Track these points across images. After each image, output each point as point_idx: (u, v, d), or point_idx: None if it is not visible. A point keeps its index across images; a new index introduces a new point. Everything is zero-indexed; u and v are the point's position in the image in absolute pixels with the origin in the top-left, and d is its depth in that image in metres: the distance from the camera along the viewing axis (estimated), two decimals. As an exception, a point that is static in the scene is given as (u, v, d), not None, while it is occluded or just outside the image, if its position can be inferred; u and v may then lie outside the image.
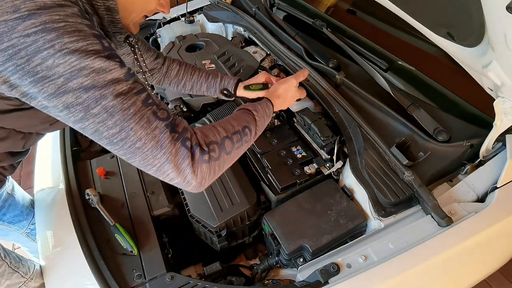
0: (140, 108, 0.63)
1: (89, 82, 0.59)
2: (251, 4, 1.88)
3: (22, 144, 0.86)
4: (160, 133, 0.65)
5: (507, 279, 1.70)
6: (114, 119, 0.61)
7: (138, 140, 0.63)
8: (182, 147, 0.67)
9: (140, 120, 0.63)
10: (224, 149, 0.75)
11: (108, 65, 0.61)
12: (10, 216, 1.17)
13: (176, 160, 0.66)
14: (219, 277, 1.01)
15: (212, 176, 0.72)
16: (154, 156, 0.65)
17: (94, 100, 0.59)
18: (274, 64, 1.61)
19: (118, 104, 0.61)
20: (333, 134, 1.14)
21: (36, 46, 0.55)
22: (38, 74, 0.57)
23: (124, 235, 0.96)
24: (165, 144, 0.65)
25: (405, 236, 0.91)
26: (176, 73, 1.22)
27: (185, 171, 0.67)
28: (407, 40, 1.65)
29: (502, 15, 0.66)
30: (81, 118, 0.60)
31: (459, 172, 1.08)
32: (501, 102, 0.91)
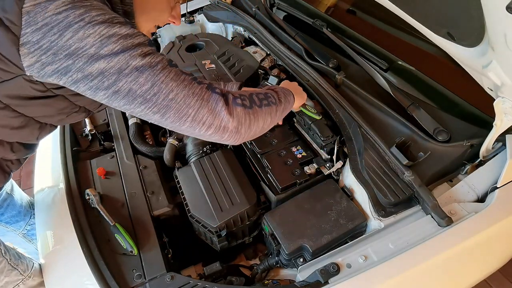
0: (167, 65, 0.69)
1: (119, 47, 0.64)
2: (251, 4, 1.88)
3: (37, 134, 0.88)
4: (189, 83, 0.70)
5: (507, 279, 1.70)
6: (145, 75, 0.66)
7: (170, 91, 0.68)
8: (213, 93, 0.72)
9: (169, 73, 0.68)
10: (254, 102, 0.79)
11: (134, 32, 0.67)
12: (8, 216, 1.17)
13: (209, 105, 0.70)
14: (219, 277, 1.01)
15: (248, 124, 0.75)
16: (187, 105, 0.69)
17: (125, 62, 0.65)
18: (274, 64, 1.60)
19: (147, 63, 0.66)
20: (333, 134, 1.14)
21: (67, 21, 0.61)
22: (71, 47, 0.62)
23: (124, 235, 0.96)
24: (196, 91, 0.70)
25: (405, 236, 0.91)
26: None
27: (220, 113, 0.71)
28: (407, 40, 1.65)
29: (502, 15, 0.66)
30: (114, 80, 0.65)
31: (459, 172, 1.08)
32: (501, 102, 0.91)
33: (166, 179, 1.22)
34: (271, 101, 0.86)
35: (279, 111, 0.89)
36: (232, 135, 0.74)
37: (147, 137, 1.40)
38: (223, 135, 0.73)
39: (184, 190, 1.12)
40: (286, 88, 1.00)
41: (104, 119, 1.44)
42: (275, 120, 0.88)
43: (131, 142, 1.32)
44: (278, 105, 0.88)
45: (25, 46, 0.63)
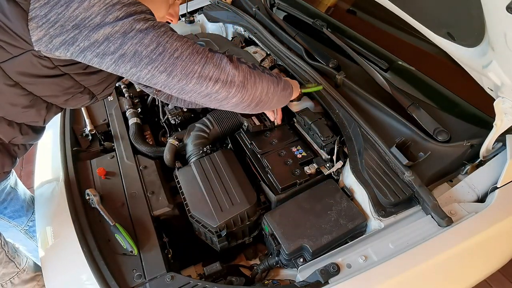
0: (169, 29, 0.73)
1: (123, 14, 0.67)
2: (251, 4, 1.88)
3: (44, 115, 0.91)
4: (193, 44, 0.74)
5: (507, 279, 1.70)
6: (149, 37, 0.69)
7: (175, 50, 0.71)
8: (216, 52, 0.77)
9: (173, 35, 0.72)
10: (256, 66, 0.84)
11: (136, 1, 0.71)
12: (11, 211, 1.18)
13: (214, 61, 0.74)
14: (219, 277, 1.01)
15: (253, 81, 0.80)
16: (193, 62, 0.72)
17: (130, 25, 0.68)
18: (274, 64, 1.60)
19: (150, 26, 0.70)
20: (333, 134, 1.14)
21: None
22: (78, 17, 0.65)
23: (124, 235, 0.96)
24: (200, 50, 0.74)
25: (405, 236, 0.91)
26: None
27: (226, 67, 0.75)
28: (407, 40, 1.65)
29: (502, 15, 0.66)
30: (120, 44, 0.68)
31: (459, 172, 1.08)
32: (501, 102, 0.91)
33: (166, 179, 1.22)
34: (272, 74, 0.91)
35: (280, 85, 0.93)
36: (239, 90, 0.77)
37: (147, 137, 1.40)
38: (230, 89, 0.76)
39: (184, 190, 1.12)
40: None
41: (104, 119, 1.44)
42: (277, 93, 0.91)
43: (131, 142, 1.32)
44: (279, 80, 0.93)
45: (34, 21, 0.65)
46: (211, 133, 1.30)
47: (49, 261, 1.03)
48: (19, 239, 1.29)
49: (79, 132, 1.40)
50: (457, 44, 0.94)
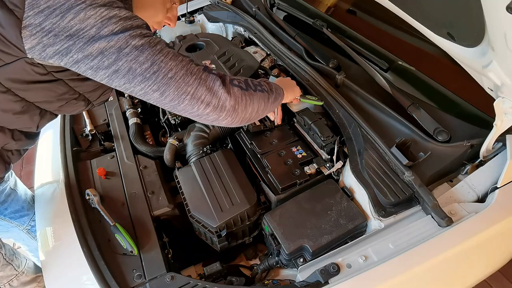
0: (165, 47, 0.72)
1: (119, 28, 0.66)
2: (251, 4, 1.88)
3: (37, 121, 0.90)
4: (188, 64, 0.73)
5: (507, 279, 1.69)
6: (145, 55, 0.68)
7: (169, 70, 0.70)
8: (211, 74, 0.76)
9: (168, 54, 0.71)
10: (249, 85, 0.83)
11: (132, 15, 0.70)
12: (11, 211, 1.18)
13: (208, 83, 0.74)
14: (219, 277, 1.01)
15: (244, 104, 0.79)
16: (186, 83, 0.72)
17: (125, 41, 0.67)
18: (274, 64, 1.60)
19: (146, 43, 0.69)
20: (333, 134, 1.14)
21: (69, 3, 0.63)
22: (72, 28, 0.64)
23: (124, 235, 0.96)
24: (194, 71, 0.73)
25: (405, 236, 0.91)
26: None
27: (218, 91, 0.74)
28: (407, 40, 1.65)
29: (502, 15, 0.66)
30: (114, 59, 0.67)
31: (460, 172, 1.08)
32: (501, 102, 0.91)
33: (166, 179, 1.22)
34: (264, 88, 0.91)
35: (271, 99, 0.93)
36: (230, 114, 0.77)
37: (147, 137, 1.40)
38: (220, 113, 0.76)
39: (184, 190, 1.12)
40: (276, 83, 1.04)
41: (104, 119, 1.44)
42: (268, 107, 0.92)
43: (131, 142, 1.32)
44: (270, 93, 0.93)
45: (27, 29, 0.64)
46: (211, 133, 1.30)
47: (49, 261, 1.03)
48: (21, 239, 1.29)
49: (79, 132, 1.40)
50: (457, 44, 0.94)
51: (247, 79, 0.88)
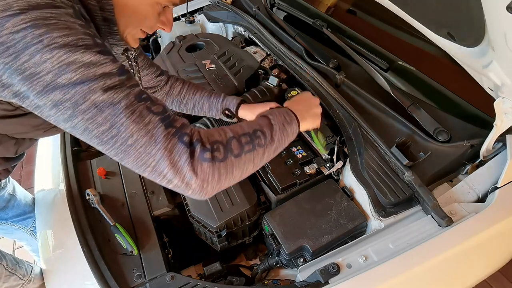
0: (133, 102, 0.60)
1: (78, 77, 0.56)
2: (251, 4, 1.88)
3: (14, 149, 0.84)
4: (154, 128, 0.60)
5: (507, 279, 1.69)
6: (104, 115, 0.58)
7: (129, 136, 0.59)
8: (179, 142, 0.62)
9: (132, 114, 0.59)
10: (231, 151, 0.67)
11: (99, 59, 0.59)
12: (13, 216, 1.17)
13: (172, 157, 0.60)
14: (219, 277, 1.01)
15: (217, 179, 0.65)
16: (148, 154, 0.60)
17: (83, 95, 0.56)
18: (274, 64, 1.61)
19: (108, 99, 0.58)
20: (333, 134, 1.14)
21: (25, 42, 0.54)
22: (26, 71, 0.55)
23: (124, 235, 0.96)
24: (160, 139, 0.60)
25: (405, 236, 0.91)
26: (179, 91, 1.18)
27: (182, 169, 0.61)
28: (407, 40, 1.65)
29: (502, 15, 0.66)
30: (70, 115, 0.57)
31: (460, 172, 1.08)
32: (501, 102, 0.91)
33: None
34: (259, 143, 0.72)
35: (268, 152, 0.75)
36: (196, 192, 0.64)
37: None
38: (186, 191, 0.64)
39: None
40: (291, 110, 0.85)
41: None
42: (263, 162, 0.75)
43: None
44: (268, 146, 0.74)
45: None
46: (211, 133, 1.30)
47: (49, 261, 1.03)
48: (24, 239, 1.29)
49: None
50: (457, 44, 0.94)
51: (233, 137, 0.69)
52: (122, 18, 0.75)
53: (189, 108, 1.19)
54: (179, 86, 1.18)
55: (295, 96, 1.01)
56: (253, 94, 1.38)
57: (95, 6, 0.69)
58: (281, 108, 0.85)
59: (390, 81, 1.29)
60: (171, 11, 0.82)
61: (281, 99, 1.40)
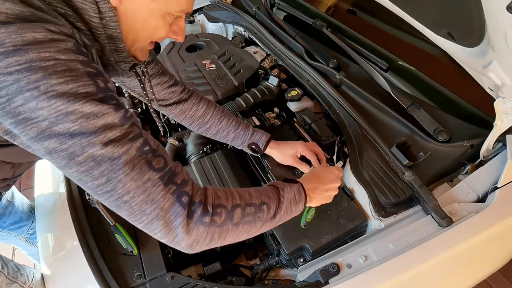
0: (133, 157, 0.57)
1: (77, 127, 0.52)
2: (251, 4, 1.88)
3: (11, 172, 0.82)
4: (153, 186, 0.58)
5: (508, 279, 1.69)
6: (101, 169, 0.54)
7: (126, 193, 0.56)
8: (177, 202, 0.59)
9: (131, 171, 0.56)
10: (232, 218, 0.66)
11: (101, 109, 0.54)
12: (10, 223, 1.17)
13: (167, 217, 0.59)
14: (219, 277, 1.01)
15: (208, 241, 0.64)
16: (142, 212, 0.58)
17: (81, 147, 0.53)
18: (274, 64, 1.61)
19: (108, 153, 0.54)
20: (333, 134, 1.14)
21: (18, 85, 0.49)
22: (20, 115, 0.51)
23: (125, 235, 0.96)
24: (157, 198, 0.58)
25: (406, 236, 0.91)
26: (202, 114, 1.08)
27: (176, 230, 0.60)
28: (407, 40, 1.65)
29: (502, 15, 0.66)
30: (64, 165, 0.54)
31: (460, 172, 1.08)
32: (501, 102, 0.91)
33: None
34: (260, 216, 0.71)
35: (266, 226, 0.73)
36: (184, 249, 0.64)
37: (147, 137, 1.40)
38: (174, 246, 0.63)
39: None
40: (304, 188, 0.82)
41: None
42: (257, 233, 0.73)
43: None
44: (268, 221, 0.73)
45: None
46: (211, 133, 1.29)
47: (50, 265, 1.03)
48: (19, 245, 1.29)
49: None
50: (457, 44, 0.94)
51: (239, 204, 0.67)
52: (129, 34, 0.70)
53: (211, 133, 1.11)
54: (203, 107, 1.08)
55: (322, 167, 0.99)
56: (253, 94, 1.38)
57: (98, 24, 0.64)
58: (294, 186, 0.81)
59: (390, 81, 1.29)
60: (184, 19, 0.78)
61: (281, 99, 1.40)
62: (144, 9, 0.67)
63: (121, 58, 0.74)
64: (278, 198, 0.76)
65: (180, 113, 1.07)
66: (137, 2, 0.65)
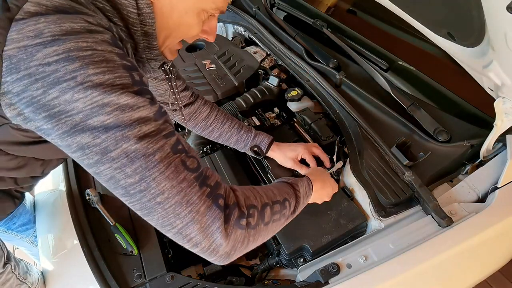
0: (168, 155, 0.54)
1: (112, 120, 0.50)
2: (251, 4, 1.88)
3: (41, 170, 0.81)
4: (188, 187, 0.55)
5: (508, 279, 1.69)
6: (135, 166, 0.52)
7: (160, 193, 0.53)
8: (214, 205, 0.56)
9: (166, 169, 0.53)
10: (263, 218, 0.64)
11: (136, 102, 0.53)
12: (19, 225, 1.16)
13: (204, 221, 0.55)
14: (219, 277, 1.01)
15: (244, 247, 0.61)
16: (177, 215, 0.54)
17: (115, 141, 0.51)
18: (274, 64, 1.61)
19: (142, 149, 0.52)
20: (333, 134, 1.14)
21: (55, 76, 0.48)
22: (54, 108, 0.49)
23: (124, 235, 0.96)
24: (193, 200, 0.55)
25: (406, 236, 0.91)
26: (206, 116, 1.09)
27: (213, 234, 0.56)
28: (407, 40, 1.65)
29: (502, 15, 0.66)
30: (96, 161, 0.52)
31: (460, 172, 1.08)
32: (501, 102, 0.91)
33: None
34: (284, 213, 0.71)
35: (286, 222, 0.74)
36: (220, 259, 0.60)
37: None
38: (209, 257, 0.59)
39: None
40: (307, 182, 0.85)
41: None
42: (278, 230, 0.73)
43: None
44: (289, 217, 0.74)
45: (7, 96, 0.51)
46: (211, 133, 1.29)
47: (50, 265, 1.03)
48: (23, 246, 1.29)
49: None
50: (457, 44, 0.94)
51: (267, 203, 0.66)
52: (162, 31, 0.69)
53: (214, 136, 1.12)
54: (207, 110, 1.09)
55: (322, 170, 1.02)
56: (253, 94, 1.38)
57: (136, 20, 0.64)
58: (304, 180, 0.83)
59: (390, 81, 1.29)
60: (216, 19, 0.76)
61: (281, 99, 1.40)
62: (181, 5, 0.66)
63: (152, 56, 0.73)
64: (295, 193, 0.77)
65: (188, 116, 1.08)
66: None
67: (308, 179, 0.86)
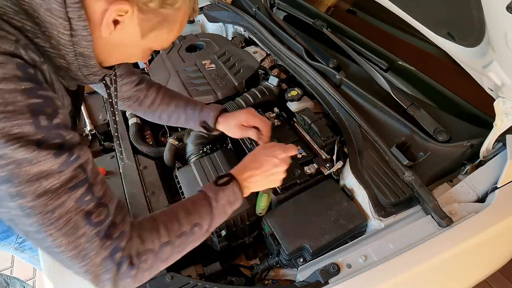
0: (69, 210, 0.51)
1: (5, 174, 0.46)
2: (251, 4, 1.88)
3: None
4: (87, 242, 0.53)
5: (508, 279, 1.69)
6: (31, 221, 0.49)
7: (56, 247, 0.52)
8: (108, 259, 0.56)
9: (65, 226, 0.51)
10: (160, 258, 0.64)
11: (37, 156, 0.47)
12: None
13: (97, 272, 0.56)
14: (219, 277, 1.01)
15: (138, 284, 0.63)
16: (72, 264, 0.55)
17: (9, 196, 0.47)
18: (274, 64, 1.61)
19: (40, 206, 0.48)
20: (333, 134, 1.14)
21: None
22: None
23: (124, 235, 0.96)
24: (90, 255, 0.54)
25: (405, 236, 0.91)
26: (151, 102, 1.04)
27: (104, 282, 0.57)
28: (407, 40, 1.65)
29: (502, 15, 0.66)
30: None
31: (460, 172, 1.08)
32: (501, 102, 0.91)
33: (166, 179, 1.22)
34: (193, 238, 0.71)
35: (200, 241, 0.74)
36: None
37: (147, 137, 1.40)
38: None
39: (184, 190, 1.12)
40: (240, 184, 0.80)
41: (104, 119, 1.44)
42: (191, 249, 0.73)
43: (131, 142, 1.32)
44: (201, 237, 0.73)
45: None
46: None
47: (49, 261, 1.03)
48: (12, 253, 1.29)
49: (79, 132, 1.40)
50: (457, 44, 0.94)
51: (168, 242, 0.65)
52: (102, 54, 0.65)
53: (164, 120, 1.08)
54: (153, 95, 1.04)
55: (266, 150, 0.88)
56: (253, 94, 1.38)
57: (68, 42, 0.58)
58: (227, 188, 0.77)
59: (390, 81, 1.29)
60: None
61: (281, 99, 1.40)
62: (130, 42, 0.64)
63: (90, 72, 0.67)
64: (211, 211, 0.73)
65: (137, 105, 1.05)
66: (126, 36, 0.62)
67: (234, 183, 0.79)
